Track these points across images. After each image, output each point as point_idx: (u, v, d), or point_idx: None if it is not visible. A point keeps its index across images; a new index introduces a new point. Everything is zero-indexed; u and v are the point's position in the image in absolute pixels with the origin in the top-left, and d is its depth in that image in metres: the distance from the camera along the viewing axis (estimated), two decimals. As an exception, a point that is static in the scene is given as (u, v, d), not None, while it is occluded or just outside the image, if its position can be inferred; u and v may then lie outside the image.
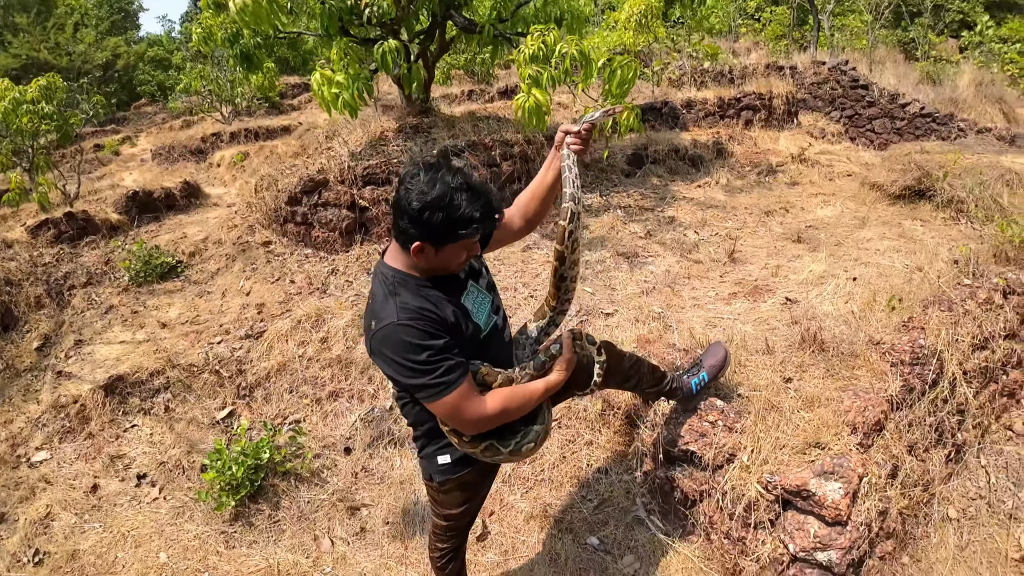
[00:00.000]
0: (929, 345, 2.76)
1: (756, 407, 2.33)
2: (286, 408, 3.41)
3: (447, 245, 1.45)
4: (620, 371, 2.01)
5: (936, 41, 14.12)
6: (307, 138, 7.10)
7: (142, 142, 12.43)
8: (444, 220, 1.40)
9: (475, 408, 1.49)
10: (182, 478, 3.14)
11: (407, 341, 1.42)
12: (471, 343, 1.58)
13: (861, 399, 2.43)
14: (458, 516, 1.88)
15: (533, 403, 1.64)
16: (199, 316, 4.36)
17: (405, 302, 1.46)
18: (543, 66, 4.37)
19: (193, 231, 5.92)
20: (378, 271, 1.57)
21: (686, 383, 2.24)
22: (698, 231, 5.21)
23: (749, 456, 2.19)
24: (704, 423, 2.31)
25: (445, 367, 1.44)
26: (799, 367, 2.66)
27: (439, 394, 1.45)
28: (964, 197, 5.11)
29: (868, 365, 2.67)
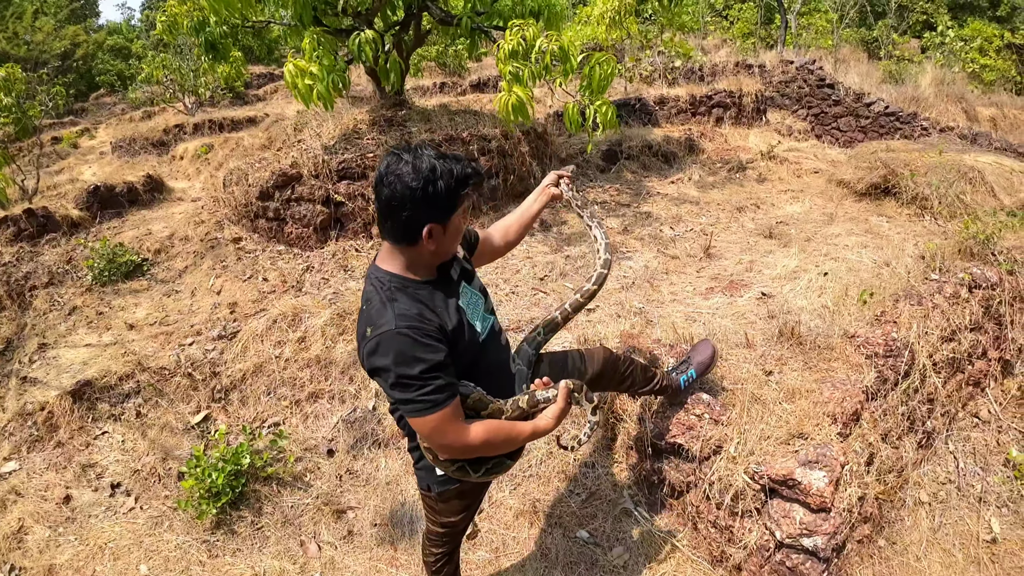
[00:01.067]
0: (901, 338, 2.86)
1: (740, 400, 2.38)
2: (264, 411, 3.33)
3: (452, 217, 1.45)
4: (616, 375, 2.03)
5: (900, 41, 14.60)
6: (275, 130, 6.93)
7: (101, 134, 11.97)
8: (445, 187, 1.40)
9: (457, 434, 1.43)
10: (158, 486, 3.04)
11: (402, 352, 1.36)
12: (471, 346, 1.54)
13: (839, 390, 2.51)
14: (456, 523, 1.86)
15: (515, 444, 1.58)
16: (168, 317, 4.22)
17: (404, 309, 1.40)
18: (523, 62, 4.35)
19: (158, 227, 5.72)
20: (372, 276, 1.52)
21: (675, 380, 2.27)
22: (673, 227, 5.28)
23: (736, 447, 2.23)
24: (691, 417, 2.34)
25: (435, 385, 1.37)
26: (779, 360, 2.72)
27: (424, 411, 1.38)
28: (928, 194, 5.30)
29: (844, 357, 2.76)
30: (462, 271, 1.64)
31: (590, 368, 1.94)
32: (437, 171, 1.40)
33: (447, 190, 1.40)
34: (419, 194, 1.38)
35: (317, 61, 4.16)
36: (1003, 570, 2.46)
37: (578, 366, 1.93)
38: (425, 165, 1.39)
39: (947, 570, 2.46)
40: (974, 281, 3.47)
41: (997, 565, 2.50)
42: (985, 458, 3.19)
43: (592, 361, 1.97)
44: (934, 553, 2.55)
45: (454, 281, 1.59)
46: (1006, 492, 2.95)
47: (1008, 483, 2.99)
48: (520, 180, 5.71)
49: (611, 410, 2.87)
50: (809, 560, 2.10)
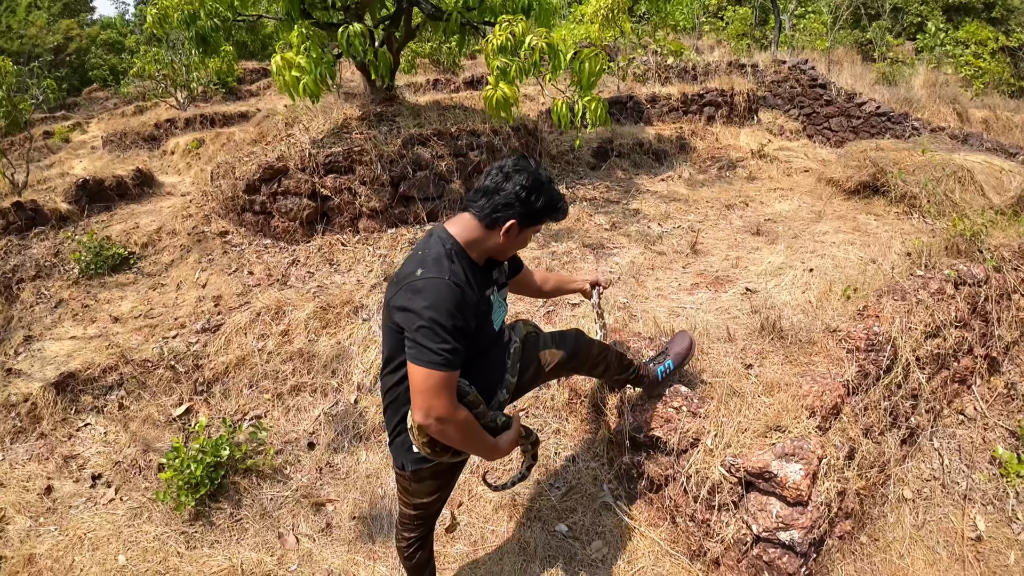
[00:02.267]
0: (883, 332, 2.85)
1: (719, 393, 2.37)
2: (246, 404, 3.31)
3: (531, 227, 1.66)
4: (589, 358, 2.02)
5: (894, 43, 14.64)
6: (266, 125, 6.91)
7: (93, 129, 11.92)
8: (545, 203, 1.63)
9: (448, 401, 1.49)
10: (138, 478, 3.03)
11: (445, 301, 1.46)
12: (486, 338, 1.70)
13: (819, 384, 2.50)
14: (429, 505, 1.86)
15: (475, 449, 1.67)
16: (153, 310, 4.20)
17: (458, 270, 1.54)
18: (511, 58, 4.34)
19: (146, 221, 5.70)
20: (435, 234, 1.64)
21: (652, 370, 2.26)
22: (661, 223, 5.27)
23: (712, 440, 2.23)
24: (669, 409, 2.34)
25: (453, 346, 1.46)
26: (759, 354, 2.72)
27: (434, 364, 1.44)
28: (917, 193, 5.31)
29: (825, 351, 2.75)
30: (499, 279, 1.80)
31: (561, 349, 1.95)
32: (547, 188, 1.65)
33: (544, 205, 1.63)
34: (524, 193, 1.60)
35: (305, 54, 4.14)
36: (988, 568, 2.45)
37: (550, 347, 1.94)
38: (544, 177, 1.65)
39: (931, 568, 2.45)
40: (960, 278, 3.47)
41: (982, 563, 2.48)
42: (971, 455, 3.17)
43: (564, 342, 1.99)
44: (918, 550, 2.53)
45: (493, 280, 1.75)
46: (992, 489, 2.93)
47: (994, 480, 2.98)
48: (510, 176, 5.69)
49: (592, 403, 2.87)
50: (786, 555, 2.09)
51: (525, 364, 1.88)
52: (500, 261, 1.78)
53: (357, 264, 4.49)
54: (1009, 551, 2.52)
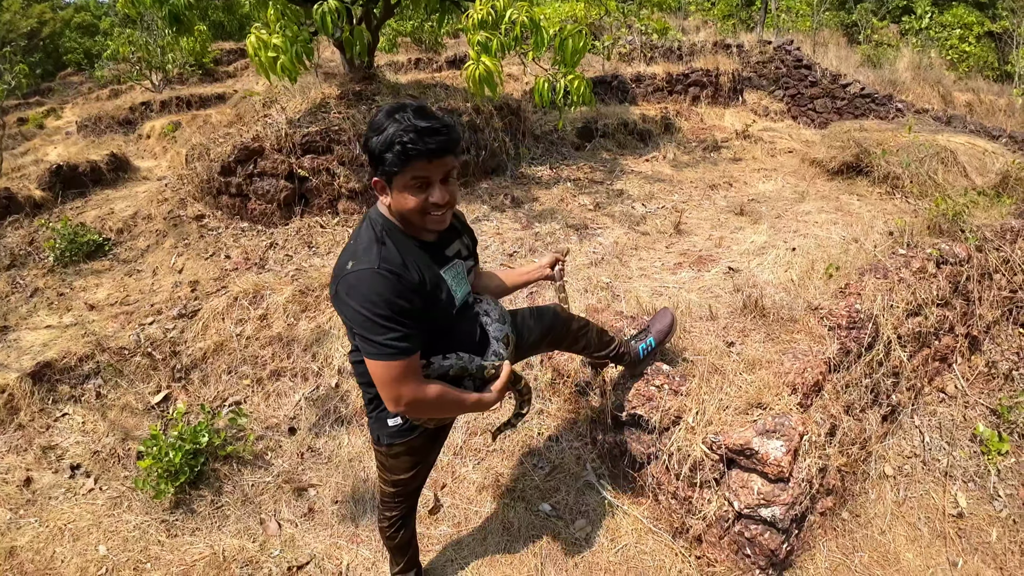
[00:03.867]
0: (865, 310, 2.86)
1: (700, 371, 2.36)
2: (225, 390, 3.25)
3: (394, 180, 1.44)
4: (569, 333, 2.00)
5: (879, 25, 14.64)
6: (243, 106, 6.76)
7: (67, 114, 11.65)
8: (382, 145, 1.40)
9: (413, 386, 1.45)
10: (118, 467, 2.98)
11: (378, 291, 1.38)
12: (444, 314, 1.57)
13: (800, 361, 2.50)
14: (407, 481, 1.84)
15: (460, 410, 1.63)
16: (129, 296, 4.11)
17: (389, 254, 1.44)
18: (492, 32, 4.26)
19: (121, 206, 5.57)
20: (368, 216, 1.56)
21: (633, 348, 2.24)
22: (645, 204, 5.25)
23: (694, 418, 2.22)
24: (651, 387, 2.33)
25: (401, 333, 1.40)
26: (741, 332, 2.72)
27: (385, 356, 1.40)
28: (900, 173, 5.33)
29: (807, 329, 2.75)
30: (460, 252, 1.69)
31: (538, 325, 1.93)
32: (375, 126, 1.42)
33: (383, 147, 1.40)
34: (366, 141, 1.44)
35: (281, 32, 4.03)
36: (969, 545, 2.46)
37: (528, 323, 1.92)
38: (377, 117, 1.42)
39: (912, 544, 2.46)
40: (942, 257, 3.48)
41: (964, 540, 2.50)
42: (951, 433, 3.19)
43: (542, 318, 1.96)
44: (899, 527, 2.55)
45: (447, 257, 1.63)
46: (972, 467, 2.94)
47: (975, 458, 3.00)
48: (492, 156, 5.63)
49: (575, 384, 2.85)
50: (768, 531, 2.10)
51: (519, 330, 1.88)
52: (456, 232, 1.70)
53: (336, 246, 4.42)
54: (991, 528, 2.55)
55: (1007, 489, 2.79)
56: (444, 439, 1.94)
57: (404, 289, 1.40)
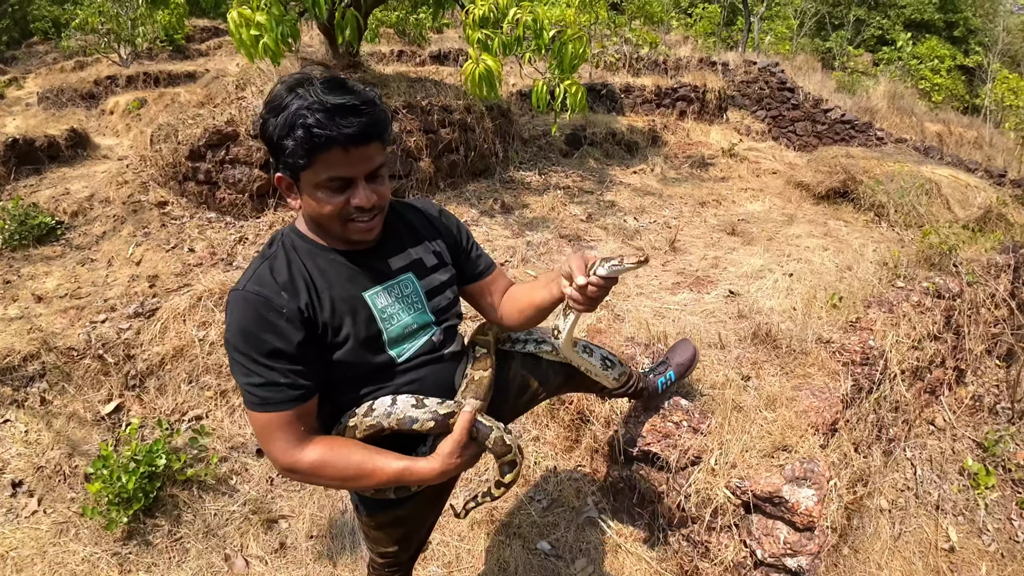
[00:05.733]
0: (877, 346, 2.78)
1: (721, 407, 2.21)
2: (184, 402, 2.93)
3: (302, 178, 1.11)
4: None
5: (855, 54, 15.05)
6: (215, 87, 6.36)
7: (30, 84, 10.91)
8: (275, 129, 1.07)
9: (283, 448, 1.14)
10: (64, 487, 2.63)
11: (236, 320, 1.11)
12: (362, 353, 1.21)
13: (818, 399, 2.39)
14: (395, 554, 1.55)
15: (369, 483, 1.20)
16: (80, 289, 3.71)
17: (271, 270, 1.15)
18: (493, 31, 4.05)
19: (78, 187, 5.13)
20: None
21: (652, 382, 2.06)
22: (637, 217, 5.13)
23: (716, 459, 2.06)
24: (668, 424, 2.16)
25: (266, 379, 1.10)
26: (755, 364, 2.59)
27: (249, 404, 1.13)
28: (885, 202, 5.36)
29: (819, 363, 2.65)
30: (420, 263, 1.33)
31: (563, 369, 1.65)
32: (273, 104, 1.08)
33: (276, 135, 1.07)
34: (262, 127, 1.11)
35: (265, 10, 3.72)
36: (962, 579, 2.43)
37: (552, 362, 1.64)
38: (276, 91, 1.09)
39: (909, 580, 2.41)
40: (937, 291, 3.47)
41: (956, 574, 2.48)
42: (941, 466, 3.19)
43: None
44: (895, 561, 2.50)
45: (388, 271, 1.27)
46: (962, 501, 2.96)
47: (964, 491, 3.01)
48: (481, 158, 5.41)
49: (576, 411, 2.66)
50: (787, 579, 1.96)
51: (510, 387, 1.53)
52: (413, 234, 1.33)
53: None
54: (981, 562, 2.54)
55: (994, 523, 2.81)
56: (447, 498, 1.62)
57: (270, 320, 1.09)
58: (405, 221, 1.36)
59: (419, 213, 1.40)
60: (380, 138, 1.12)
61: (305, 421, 1.16)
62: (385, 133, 1.13)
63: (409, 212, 1.39)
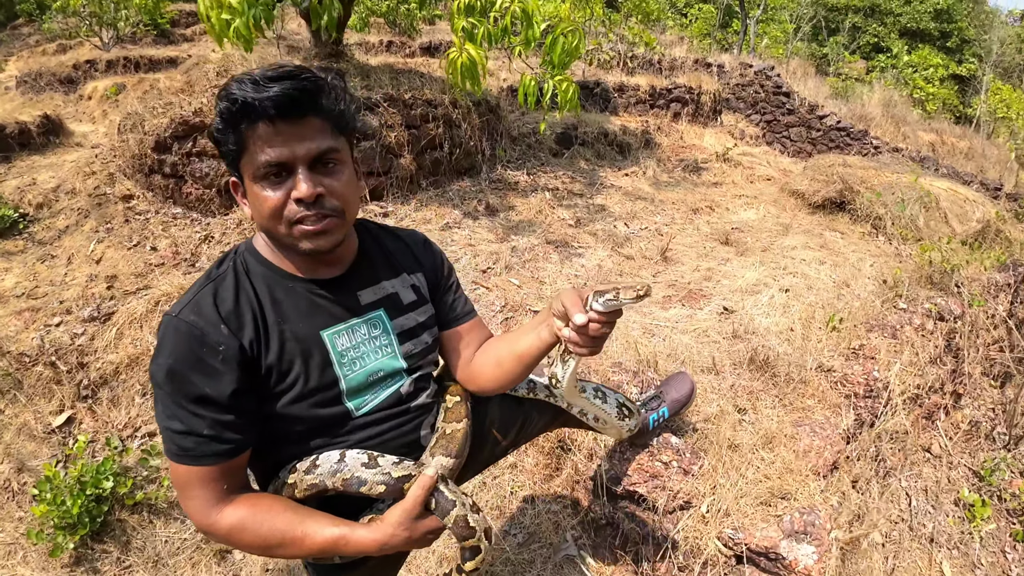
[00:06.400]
0: (882, 377, 2.63)
1: (715, 446, 2.04)
2: (138, 416, 2.71)
3: (242, 170, 0.99)
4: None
5: (850, 59, 14.97)
6: (195, 74, 6.09)
7: (11, 67, 10.57)
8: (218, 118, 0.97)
9: (201, 508, 0.97)
10: (11, 504, 2.43)
11: (165, 353, 0.94)
12: (313, 408, 1.04)
13: (819, 437, 2.24)
14: None
15: (297, 552, 1.01)
16: (38, 288, 3.48)
17: (214, 294, 0.99)
18: (480, 19, 3.84)
19: (45, 176, 4.86)
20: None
21: (644, 417, 1.89)
22: (628, 223, 4.95)
23: (708, 505, 1.89)
24: (657, 463, 1.98)
25: (187, 426, 0.93)
26: (751, 394, 2.42)
27: (168, 452, 0.97)
28: (882, 214, 5.23)
29: (819, 395, 2.50)
30: (394, 298, 1.15)
31: (548, 409, 1.51)
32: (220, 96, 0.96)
33: (217, 122, 0.97)
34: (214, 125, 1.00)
35: (239, -7, 3.48)
36: (957, 618, 2.33)
37: (538, 401, 1.49)
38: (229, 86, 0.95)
39: (903, 619, 2.30)
40: (940, 313, 3.33)
41: (951, 612, 2.34)
42: (936, 496, 3.06)
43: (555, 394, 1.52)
44: (889, 600, 2.39)
45: (356, 305, 1.10)
46: (956, 533, 2.84)
47: (959, 523, 2.89)
48: (467, 155, 5.20)
49: (557, 438, 2.49)
50: (778, 636, 1.80)
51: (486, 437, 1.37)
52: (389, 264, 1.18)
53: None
54: None
55: (988, 556, 2.70)
56: (404, 559, 1.45)
57: (202, 359, 0.93)
58: (381, 247, 1.19)
59: (398, 240, 1.23)
60: (322, 112, 0.97)
61: (230, 478, 0.99)
62: (331, 107, 0.98)
63: (387, 238, 1.22)
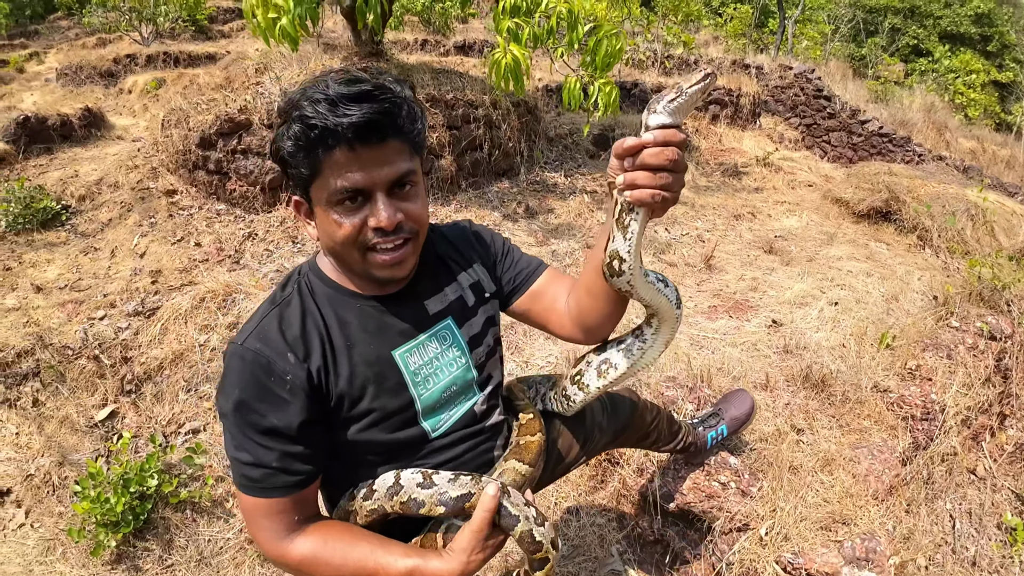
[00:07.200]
0: (939, 400, 2.53)
1: (773, 467, 1.97)
2: (182, 412, 2.73)
3: (312, 194, 0.91)
4: (641, 429, 1.55)
5: (889, 62, 14.59)
6: (234, 70, 6.16)
7: (51, 59, 10.90)
8: (290, 141, 0.87)
9: (271, 539, 0.94)
10: (52, 499, 2.46)
11: (231, 383, 0.90)
12: (389, 433, 0.99)
13: (878, 460, 2.16)
14: None
15: None
16: (81, 280, 3.54)
17: (279, 320, 0.93)
18: (525, 19, 3.81)
19: (87, 169, 4.96)
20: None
21: (702, 436, 1.83)
22: (668, 229, 4.87)
23: (767, 528, 1.83)
24: (714, 483, 1.92)
25: (257, 459, 0.90)
26: (807, 414, 2.34)
27: (237, 482, 0.93)
28: (928, 225, 5.07)
29: (876, 416, 2.41)
30: (462, 301, 1.09)
31: (612, 425, 1.45)
32: (282, 110, 0.88)
33: (281, 143, 0.88)
34: (274, 142, 0.91)
35: (285, -9, 3.49)
36: (998, 646, 2.24)
37: (599, 421, 1.43)
38: (286, 99, 0.88)
39: (946, 649, 2.21)
40: (991, 332, 3.21)
41: (991, 639, 2.29)
42: (980, 519, 2.95)
43: (616, 415, 1.46)
44: (932, 625, 2.30)
45: (424, 318, 1.04)
46: (998, 558, 2.73)
47: (1000, 548, 2.78)
48: (505, 156, 5.17)
49: (606, 453, 2.44)
50: (835, 666, 1.73)
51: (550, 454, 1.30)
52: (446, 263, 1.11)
53: (328, 245, 3.90)
54: None
55: None
56: None
57: (269, 389, 0.88)
58: (436, 252, 1.13)
59: (448, 243, 1.16)
60: (402, 134, 0.89)
61: (300, 509, 0.95)
62: (409, 128, 0.90)
63: (439, 241, 1.15)
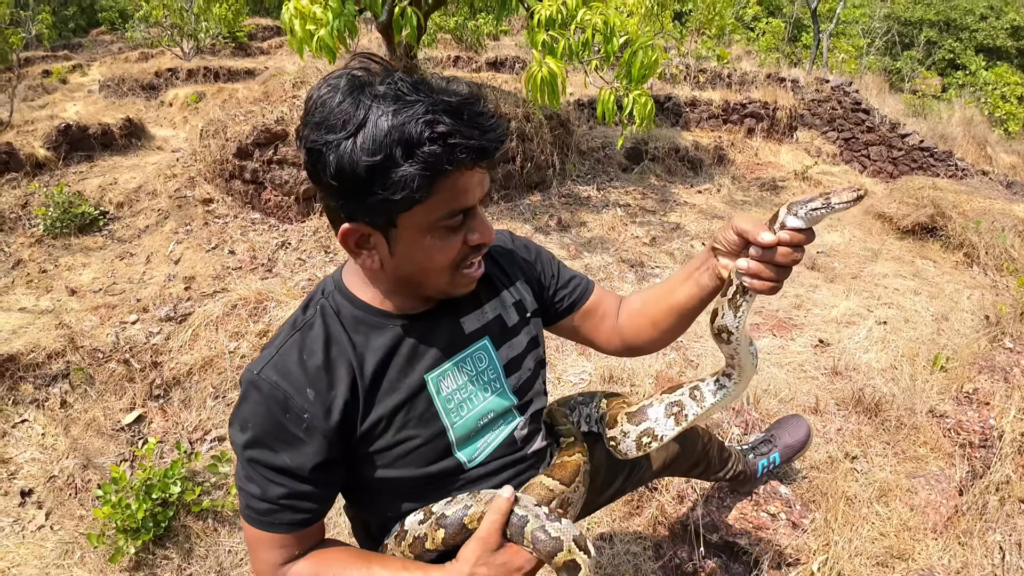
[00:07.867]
0: (997, 425, 2.36)
1: (826, 498, 1.84)
2: (209, 418, 2.71)
3: (402, 221, 0.77)
4: (693, 456, 1.45)
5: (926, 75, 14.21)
6: (272, 84, 6.27)
7: (94, 72, 11.32)
8: (365, 155, 0.71)
9: (267, 570, 0.87)
10: (73, 502, 2.45)
11: (244, 417, 0.83)
12: (419, 467, 0.90)
13: (935, 491, 2.01)
14: None
15: None
16: (115, 284, 3.58)
17: (292, 356, 0.84)
18: (560, 32, 3.77)
19: (126, 177, 5.07)
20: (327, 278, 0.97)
21: (752, 465, 1.71)
22: (705, 243, 4.74)
23: (820, 565, 1.70)
24: (763, 514, 1.80)
25: (264, 493, 0.83)
26: (860, 441, 2.20)
27: (241, 510, 0.87)
28: (975, 242, 4.84)
29: (933, 443, 2.26)
30: (499, 316, 0.99)
31: (662, 451, 1.35)
32: (343, 117, 0.72)
33: (368, 162, 0.71)
34: (333, 168, 0.72)
35: (324, 3, 3.51)
36: None
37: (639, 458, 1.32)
38: (338, 104, 0.72)
39: None
40: (1041, 352, 3.02)
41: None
42: None
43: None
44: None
45: (460, 337, 0.94)
46: None
47: None
48: (537, 169, 5.12)
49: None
50: None
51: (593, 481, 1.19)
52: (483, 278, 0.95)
53: (359, 256, 3.89)
54: None
55: None
56: None
57: (284, 427, 0.81)
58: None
59: (488, 257, 1.01)
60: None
61: (302, 544, 0.89)
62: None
63: None
